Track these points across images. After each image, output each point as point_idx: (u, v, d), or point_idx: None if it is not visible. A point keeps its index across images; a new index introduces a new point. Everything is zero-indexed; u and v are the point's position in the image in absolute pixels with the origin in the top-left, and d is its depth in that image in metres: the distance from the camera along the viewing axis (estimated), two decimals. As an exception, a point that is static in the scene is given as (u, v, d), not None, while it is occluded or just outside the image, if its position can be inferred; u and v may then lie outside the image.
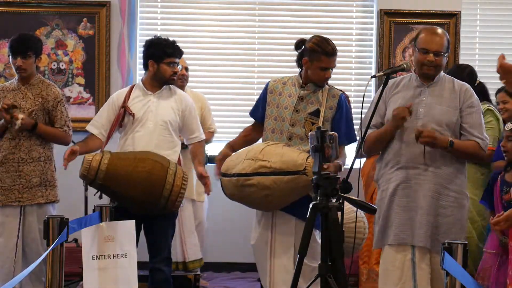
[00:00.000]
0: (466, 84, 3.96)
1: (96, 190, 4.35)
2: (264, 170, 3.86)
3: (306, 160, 3.81)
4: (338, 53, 4.09)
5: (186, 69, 5.73)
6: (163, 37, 4.59)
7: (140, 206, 4.19)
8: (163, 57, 4.45)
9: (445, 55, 3.86)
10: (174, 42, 4.53)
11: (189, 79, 6.29)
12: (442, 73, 3.95)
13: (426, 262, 3.80)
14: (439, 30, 3.90)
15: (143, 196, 4.19)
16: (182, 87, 5.65)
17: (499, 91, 4.88)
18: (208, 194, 4.68)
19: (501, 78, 3.75)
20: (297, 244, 3.84)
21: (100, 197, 4.39)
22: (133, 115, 4.43)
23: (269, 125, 4.12)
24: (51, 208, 4.76)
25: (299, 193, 3.88)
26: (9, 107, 4.53)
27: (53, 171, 4.78)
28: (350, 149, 4.27)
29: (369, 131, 3.87)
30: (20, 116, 4.53)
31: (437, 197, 3.80)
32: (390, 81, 3.98)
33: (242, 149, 4.17)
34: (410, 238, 3.82)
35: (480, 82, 5.06)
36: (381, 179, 3.98)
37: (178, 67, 4.53)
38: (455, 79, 3.96)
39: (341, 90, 4.25)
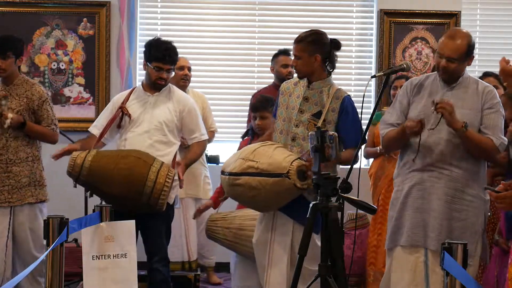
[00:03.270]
0: (491, 86, 3.85)
1: (86, 188, 4.38)
2: (251, 171, 3.85)
3: (291, 163, 3.78)
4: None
5: (189, 69, 5.72)
6: (162, 39, 4.55)
7: (122, 203, 4.14)
8: (151, 60, 4.46)
9: (461, 61, 3.73)
10: (168, 48, 4.45)
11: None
12: (466, 74, 3.84)
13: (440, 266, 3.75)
14: (459, 35, 3.77)
15: (123, 193, 4.19)
16: (184, 87, 5.66)
17: None
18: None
19: (503, 81, 3.74)
20: (295, 245, 3.85)
21: (91, 195, 4.42)
22: (129, 115, 4.45)
23: (278, 126, 4.11)
24: (41, 207, 4.76)
25: (285, 196, 3.86)
26: (2, 97, 4.52)
27: (41, 171, 4.78)
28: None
29: (390, 128, 3.84)
30: (10, 115, 4.53)
31: (450, 200, 3.73)
32: (415, 79, 3.94)
33: (242, 149, 4.17)
34: (422, 240, 3.77)
35: None
36: (397, 179, 3.93)
37: (169, 73, 4.47)
38: (480, 81, 3.86)
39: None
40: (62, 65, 6.33)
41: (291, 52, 4.20)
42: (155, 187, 4.19)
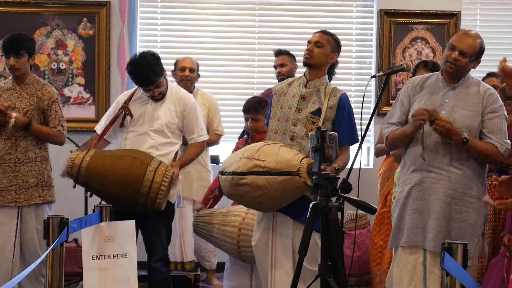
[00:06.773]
0: (492, 88, 3.84)
1: (86, 188, 4.40)
2: (258, 170, 3.83)
3: (301, 161, 3.78)
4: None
5: (191, 70, 5.70)
6: (135, 63, 4.42)
7: (119, 203, 4.14)
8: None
9: (472, 58, 3.73)
10: (140, 74, 4.39)
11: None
12: (469, 74, 3.83)
13: (437, 266, 3.69)
14: (476, 35, 3.80)
15: (121, 194, 4.20)
16: (186, 88, 5.64)
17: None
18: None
19: (501, 81, 3.73)
20: (296, 245, 3.84)
21: (91, 195, 4.43)
22: (130, 115, 4.48)
23: (272, 126, 4.10)
24: (48, 208, 4.75)
25: (293, 194, 3.85)
26: (6, 108, 4.52)
27: (49, 171, 4.77)
28: (352, 149, 4.26)
29: (393, 127, 3.83)
30: (14, 114, 4.53)
31: (449, 201, 3.72)
32: (417, 78, 3.93)
33: (241, 149, 4.16)
34: (421, 241, 3.77)
35: None
36: (400, 180, 3.94)
37: (159, 87, 4.47)
38: (482, 82, 3.85)
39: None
40: (62, 65, 6.33)
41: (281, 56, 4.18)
42: (152, 186, 4.20)
